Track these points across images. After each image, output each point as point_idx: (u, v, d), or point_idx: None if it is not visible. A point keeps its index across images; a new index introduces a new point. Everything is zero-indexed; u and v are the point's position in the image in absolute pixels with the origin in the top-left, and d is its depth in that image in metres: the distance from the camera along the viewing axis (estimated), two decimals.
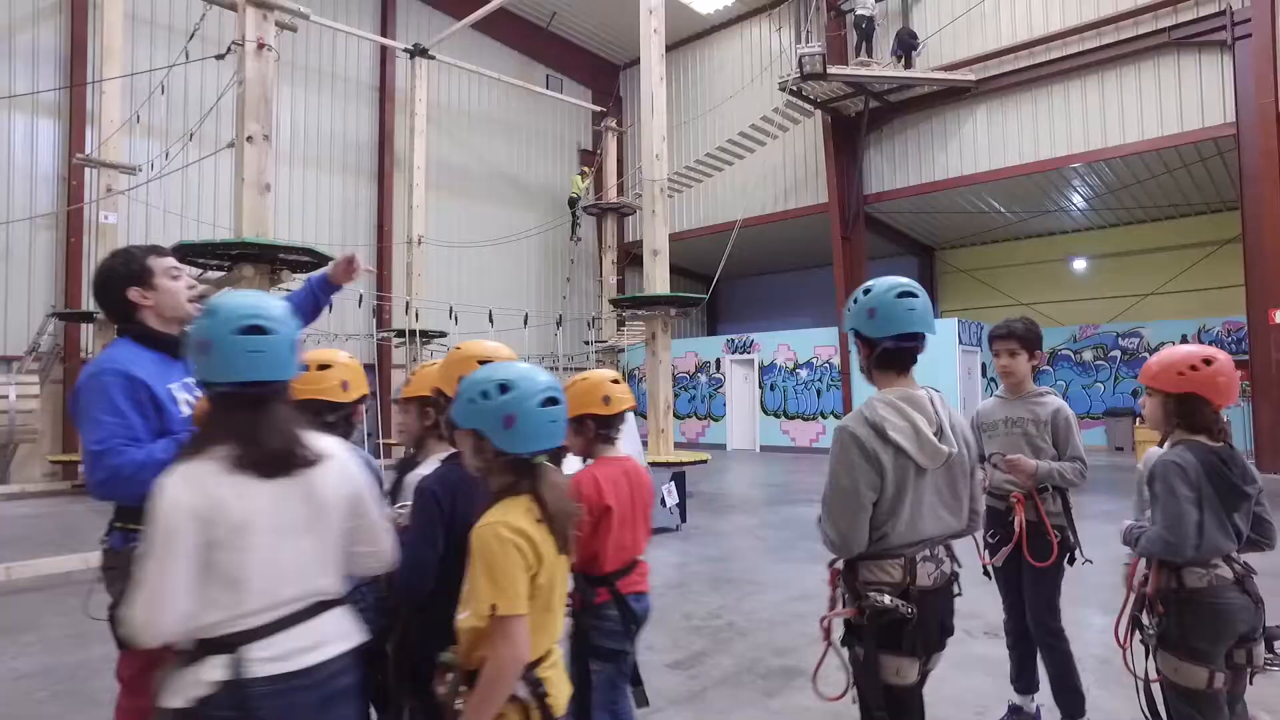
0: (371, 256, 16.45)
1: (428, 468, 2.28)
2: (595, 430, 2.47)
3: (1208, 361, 2.21)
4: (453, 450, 2.16)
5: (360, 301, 11.80)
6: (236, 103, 6.99)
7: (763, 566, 6.19)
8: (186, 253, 6.69)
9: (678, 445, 18.04)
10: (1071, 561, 3.14)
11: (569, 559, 1.70)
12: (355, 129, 16.34)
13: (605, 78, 20.53)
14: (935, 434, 1.92)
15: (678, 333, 21.46)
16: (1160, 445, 2.74)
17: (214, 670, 1.39)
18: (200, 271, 7.37)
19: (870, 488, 1.87)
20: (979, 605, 4.94)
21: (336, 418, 2.28)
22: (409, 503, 2.19)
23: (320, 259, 7.08)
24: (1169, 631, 2.15)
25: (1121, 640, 2.33)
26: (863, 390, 15.19)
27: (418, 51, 15.37)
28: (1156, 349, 16.29)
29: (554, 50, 19.38)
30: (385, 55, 16.56)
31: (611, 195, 18.32)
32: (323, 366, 2.24)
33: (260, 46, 6.89)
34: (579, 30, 19.34)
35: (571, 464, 2.30)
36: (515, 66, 18.41)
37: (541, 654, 1.63)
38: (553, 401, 1.64)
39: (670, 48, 19.14)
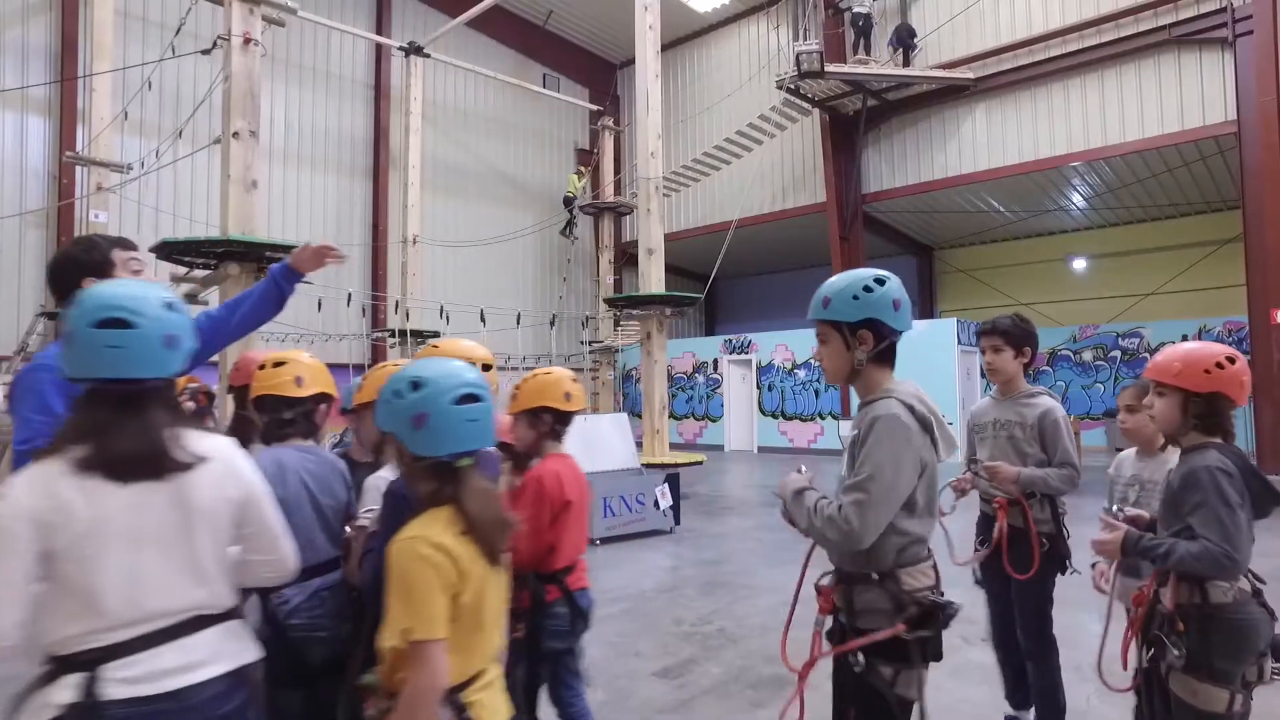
0: (366, 256, 16.36)
1: (391, 471, 2.21)
2: (551, 425, 2.50)
3: (1231, 360, 2.09)
4: None
5: (349, 300, 11.66)
6: (223, 99, 6.87)
7: (757, 570, 6.07)
8: (171, 250, 6.59)
9: (675, 446, 17.91)
10: (1063, 571, 2.99)
11: (502, 572, 1.58)
12: (350, 127, 16.25)
13: (602, 77, 20.43)
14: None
15: (675, 333, 21.37)
16: (1161, 450, 2.61)
17: (65, 691, 1.26)
18: (186, 270, 7.27)
19: (909, 485, 1.79)
20: (976, 611, 4.84)
21: (294, 414, 2.22)
22: (375, 507, 2.13)
23: None
24: (1192, 652, 1.98)
25: (1127, 662, 2.17)
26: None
27: (413, 50, 15.26)
28: (1157, 349, 16.27)
29: (551, 49, 19.28)
30: (380, 53, 16.47)
31: (608, 194, 18.20)
32: (278, 364, 2.16)
33: (247, 41, 6.78)
34: (576, 29, 19.25)
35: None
36: (512, 65, 18.31)
37: (470, 675, 1.50)
38: (470, 399, 1.50)
39: (667, 46, 19.09)
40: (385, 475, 2.20)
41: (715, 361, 18.30)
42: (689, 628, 4.78)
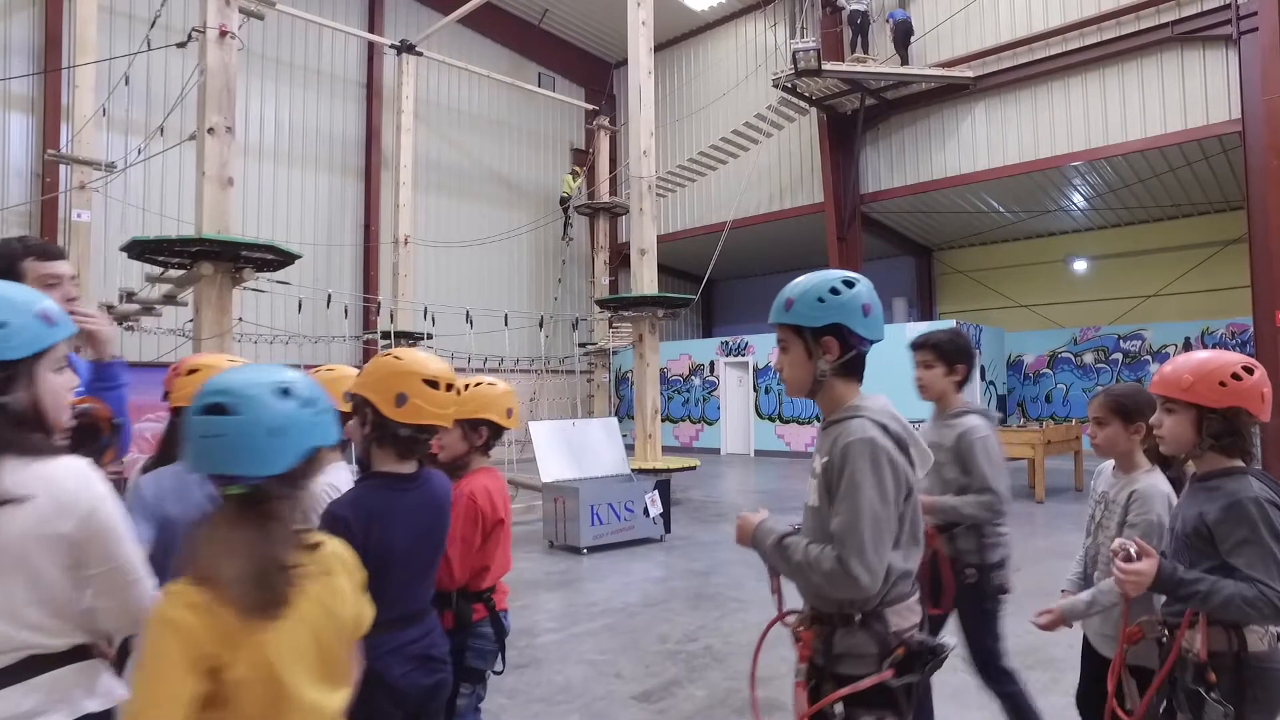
0: (358, 256, 16.16)
1: (334, 474, 2.05)
2: (486, 439, 2.42)
3: (1250, 370, 1.85)
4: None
5: (329, 301, 11.44)
6: (198, 93, 6.66)
7: (747, 582, 5.85)
8: (143, 249, 6.38)
9: (670, 450, 17.71)
10: (986, 601, 2.71)
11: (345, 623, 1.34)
12: (342, 126, 16.05)
13: (598, 76, 20.22)
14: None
15: (672, 334, 21.16)
16: (1166, 470, 2.35)
17: None
18: (161, 270, 7.06)
19: (897, 512, 1.61)
20: None
21: None
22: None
23: (284, 256, 6.77)
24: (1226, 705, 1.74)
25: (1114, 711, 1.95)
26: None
27: (404, 48, 15.07)
28: (1159, 352, 15.99)
29: (546, 48, 19.08)
30: (372, 51, 16.26)
31: (604, 195, 17.99)
32: (192, 371, 1.96)
33: (223, 34, 6.57)
34: (571, 28, 19.05)
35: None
36: (507, 64, 18.11)
37: None
38: (213, 410, 1.21)
39: (663, 46, 18.92)
40: (330, 480, 2.00)
41: (711, 364, 18.09)
42: (674, 645, 4.56)
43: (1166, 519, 2.12)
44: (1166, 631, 1.90)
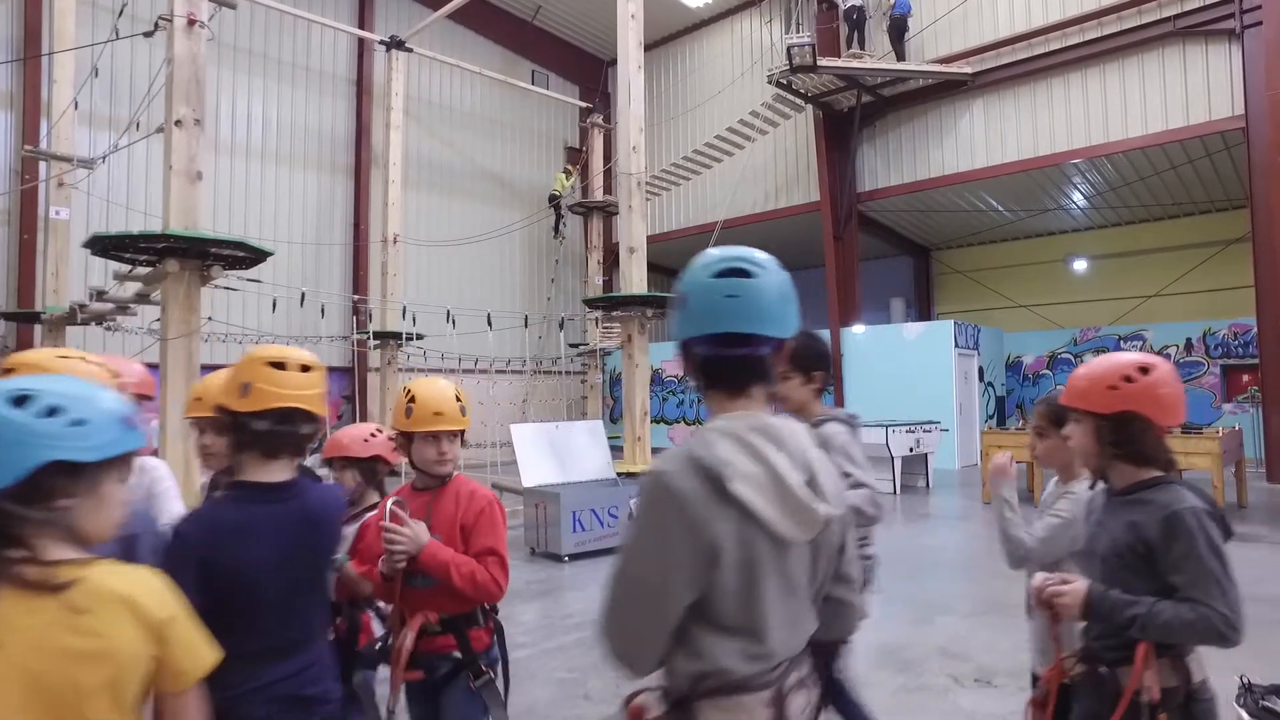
0: (348, 255, 15.95)
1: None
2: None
3: (1144, 370, 1.68)
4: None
5: (303, 300, 11.22)
6: (165, 85, 6.43)
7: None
8: (105, 246, 6.15)
9: (664, 452, 17.47)
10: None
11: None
12: (331, 123, 15.85)
13: (592, 73, 20.00)
14: (806, 484, 1.20)
15: (666, 335, 20.92)
16: (1090, 488, 2.13)
17: None
18: (129, 268, 6.84)
19: (689, 584, 1.15)
20: (967, 646, 4.40)
21: None
22: None
23: (255, 253, 6.53)
24: None
25: None
26: (858, 395, 14.45)
27: (394, 44, 14.85)
28: (1160, 353, 15.82)
29: (540, 45, 18.87)
30: (363, 48, 16.07)
31: (597, 193, 17.76)
32: (8, 370, 1.78)
33: (191, 23, 6.33)
34: (565, 25, 18.83)
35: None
36: (500, 61, 17.90)
37: None
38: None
39: (659, 43, 18.72)
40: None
41: None
42: None
43: (1082, 529, 1.95)
44: (1105, 668, 1.68)
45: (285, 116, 15.17)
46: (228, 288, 7.85)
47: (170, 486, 2.22)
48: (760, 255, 1.30)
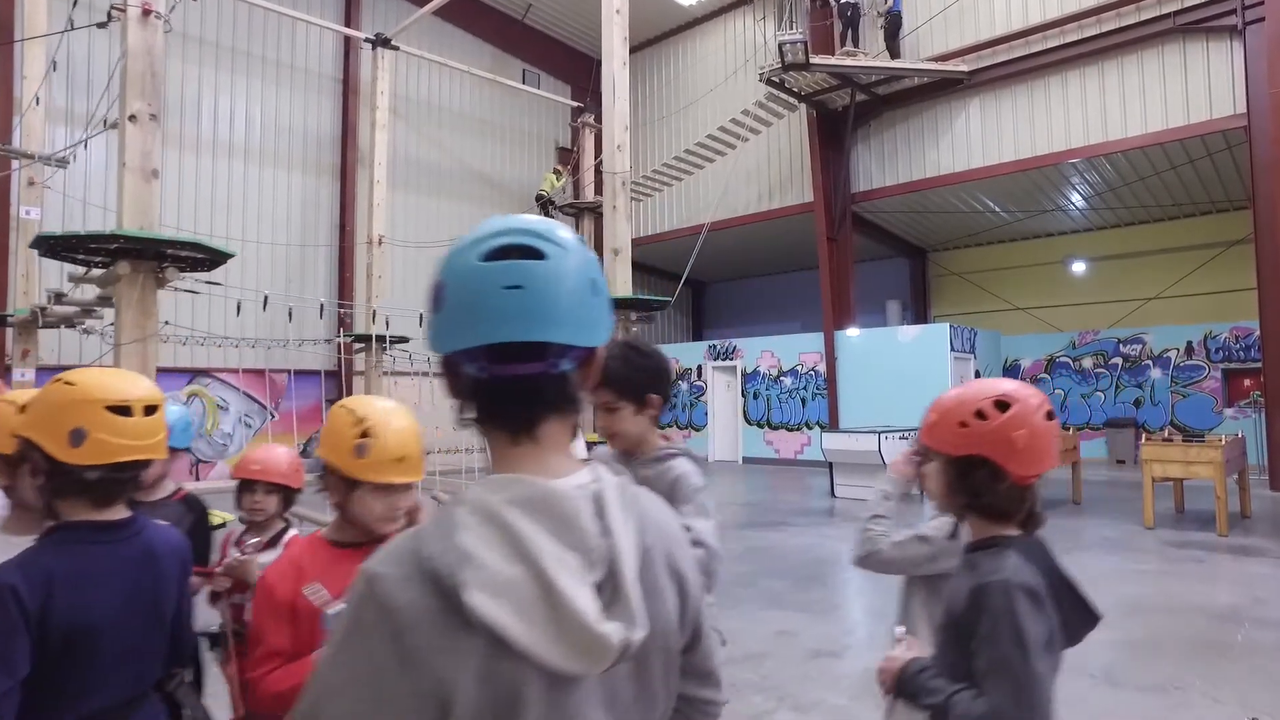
0: (333, 258, 15.67)
1: None
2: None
3: (1002, 405, 1.37)
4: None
5: (265, 303, 10.88)
6: (120, 77, 6.16)
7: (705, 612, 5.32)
8: (54, 247, 5.87)
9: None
10: None
11: None
12: (316, 123, 15.57)
13: (584, 72, 19.71)
14: (598, 590, 0.81)
15: (659, 337, 20.66)
16: (951, 535, 1.80)
17: None
18: (85, 270, 6.56)
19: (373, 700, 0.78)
20: None
21: None
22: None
23: (214, 254, 6.25)
24: None
25: None
26: (852, 400, 14.22)
27: (380, 41, 14.59)
28: (1159, 356, 15.55)
29: (531, 44, 18.60)
30: (349, 46, 15.79)
31: (588, 194, 17.49)
32: None
33: (146, 13, 6.06)
34: (556, 23, 18.58)
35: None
36: (489, 60, 17.64)
37: None
38: None
39: (650, 42, 18.48)
40: None
41: (699, 368, 17.58)
42: None
43: (945, 560, 1.71)
44: None
45: (269, 116, 14.91)
46: (197, 289, 7.56)
47: None
48: (557, 228, 0.89)
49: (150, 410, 1.50)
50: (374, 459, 1.58)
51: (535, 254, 0.85)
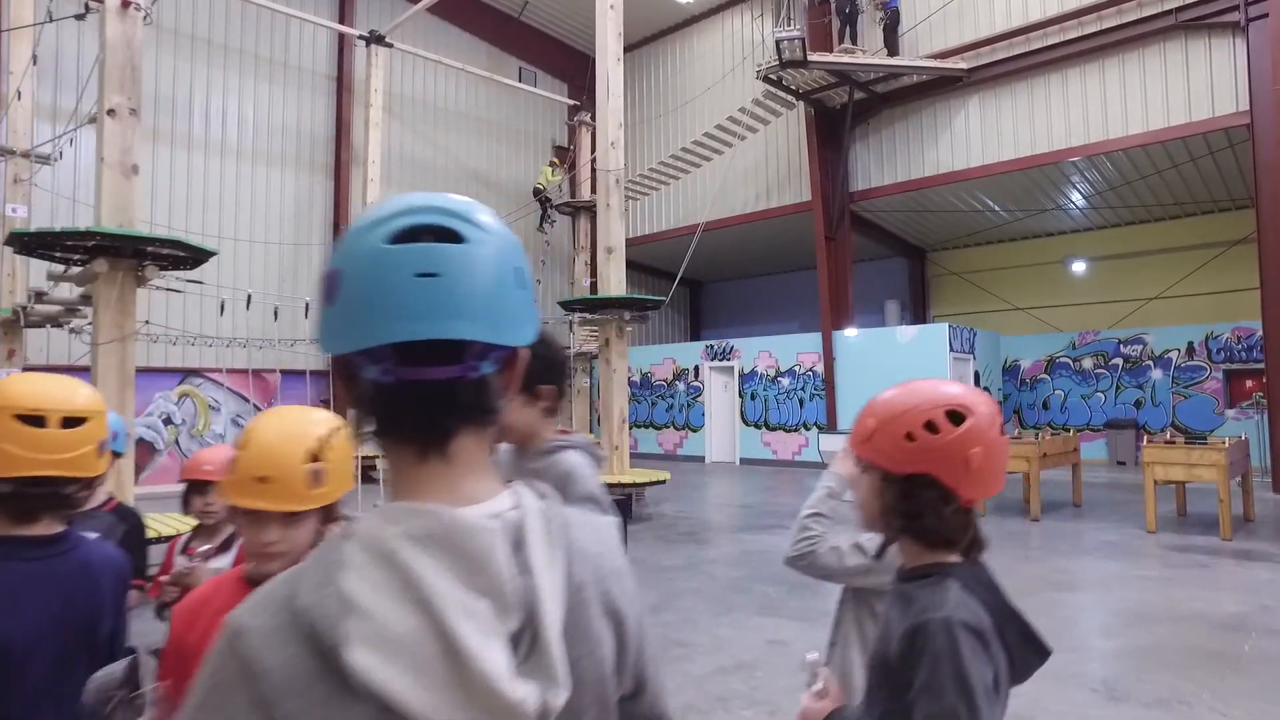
0: (327, 256, 15.52)
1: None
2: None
3: (956, 417, 1.17)
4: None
5: (249, 302, 10.78)
6: (98, 71, 6.02)
7: (699, 619, 5.18)
8: (29, 244, 5.73)
9: (654, 457, 17.08)
10: None
11: None
12: (310, 121, 15.44)
13: (581, 70, 19.54)
14: (514, 642, 0.66)
15: (656, 337, 20.53)
16: (878, 555, 1.63)
17: None
18: (64, 269, 6.41)
19: None
20: None
21: None
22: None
23: (196, 252, 6.11)
24: None
25: None
26: (850, 401, 14.12)
27: (374, 39, 14.46)
28: (1160, 356, 15.40)
29: (527, 42, 18.47)
30: (344, 43, 15.65)
31: (585, 193, 17.34)
32: None
33: (125, 5, 5.92)
34: (553, 21, 18.44)
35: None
36: (485, 58, 17.51)
37: None
38: None
39: (647, 40, 18.36)
40: None
41: (696, 368, 17.44)
42: None
43: (879, 576, 1.59)
44: None
45: (263, 113, 14.78)
46: (187, 289, 7.41)
47: None
48: (476, 208, 0.76)
49: (72, 423, 1.39)
50: (236, 474, 1.32)
51: (452, 236, 0.71)
